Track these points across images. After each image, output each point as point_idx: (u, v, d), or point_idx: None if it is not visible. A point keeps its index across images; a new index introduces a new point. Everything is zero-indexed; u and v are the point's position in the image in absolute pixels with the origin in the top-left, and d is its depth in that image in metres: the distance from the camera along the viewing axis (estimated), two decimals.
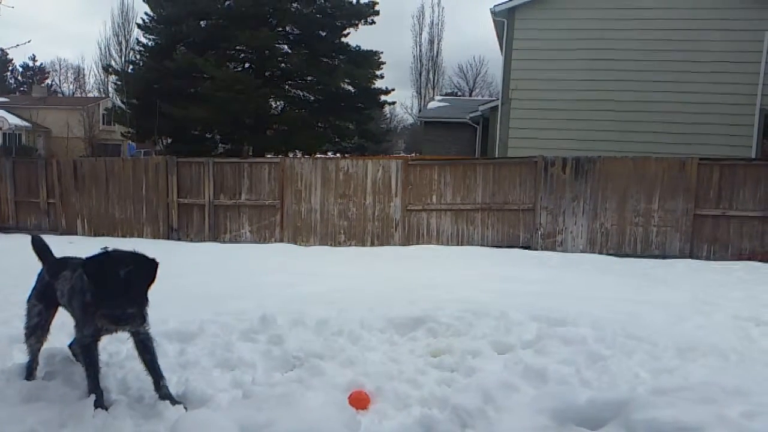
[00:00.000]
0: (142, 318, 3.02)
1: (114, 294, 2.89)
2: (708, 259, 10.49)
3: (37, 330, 3.56)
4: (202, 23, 25.39)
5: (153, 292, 3.10)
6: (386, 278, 7.66)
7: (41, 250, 3.75)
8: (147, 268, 3.04)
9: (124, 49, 44.25)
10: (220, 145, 27.25)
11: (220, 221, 12.62)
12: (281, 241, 12.24)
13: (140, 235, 13.04)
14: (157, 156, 18.42)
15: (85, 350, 3.23)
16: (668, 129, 14.19)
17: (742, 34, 13.86)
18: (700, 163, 10.67)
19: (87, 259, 3.04)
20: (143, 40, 28.28)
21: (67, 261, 3.59)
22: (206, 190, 12.55)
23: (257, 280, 7.46)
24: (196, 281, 7.27)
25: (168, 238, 12.81)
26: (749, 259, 10.18)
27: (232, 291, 6.48)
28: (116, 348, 3.95)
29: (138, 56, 29.22)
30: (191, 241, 12.57)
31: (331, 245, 12.04)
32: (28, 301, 3.64)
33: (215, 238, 12.53)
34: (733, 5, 13.97)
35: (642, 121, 14.32)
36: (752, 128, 14.02)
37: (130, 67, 30.96)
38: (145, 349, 3.31)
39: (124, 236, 13.08)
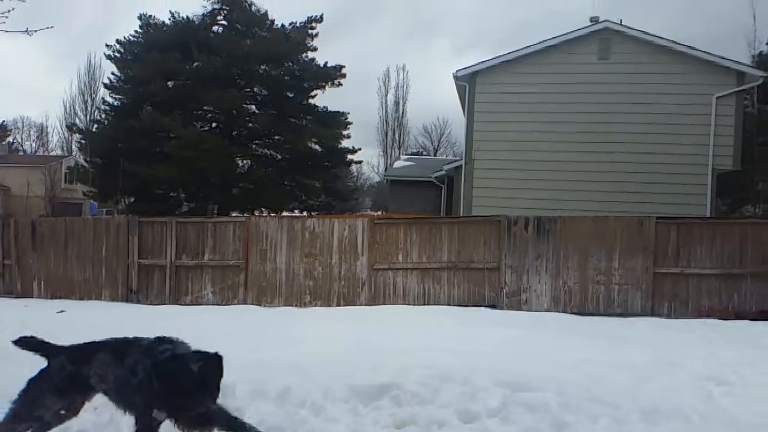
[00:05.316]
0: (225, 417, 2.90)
1: (193, 395, 2.81)
2: (669, 316, 10.62)
3: None
4: (170, 83, 25.61)
5: None
6: (352, 341, 7.53)
7: (36, 346, 3.54)
8: (215, 364, 2.97)
9: (89, 108, 44.31)
10: (184, 203, 27.02)
11: (182, 282, 12.35)
12: (245, 302, 12.00)
13: (98, 298, 12.65)
14: (119, 215, 18.12)
15: None
16: (626, 188, 14.65)
17: (693, 98, 14.62)
18: (658, 222, 10.95)
19: (158, 363, 2.94)
20: (109, 99, 28.32)
21: (99, 345, 3.38)
22: (168, 251, 12.32)
23: (216, 345, 7.20)
24: None
25: (127, 301, 12.45)
26: (708, 316, 10.34)
27: None
28: None
29: (103, 115, 29.16)
30: (151, 303, 12.22)
31: (296, 306, 11.85)
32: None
33: (176, 300, 12.22)
34: (684, 71, 14.79)
35: (601, 181, 14.78)
36: (706, 187, 14.57)
37: (95, 125, 30.85)
38: None
39: (82, 299, 12.67)
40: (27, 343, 3.55)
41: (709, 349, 7.46)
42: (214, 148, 23.29)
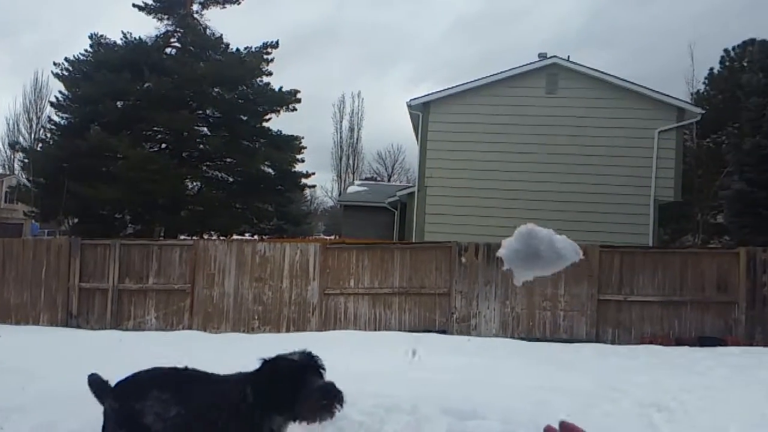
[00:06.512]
0: None
1: (304, 376, 2.67)
2: (613, 342, 10.84)
3: None
4: (119, 103, 25.01)
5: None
6: None
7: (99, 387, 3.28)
8: (309, 354, 2.84)
9: (34, 126, 42.78)
10: (129, 225, 26.23)
11: (124, 307, 11.93)
12: (190, 327, 11.66)
13: (36, 322, 12.10)
14: (61, 237, 17.45)
15: None
16: (572, 217, 14.97)
17: (636, 131, 15.19)
18: (601, 250, 11.22)
19: (256, 370, 2.77)
20: (56, 118, 27.50)
21: (145, 378, 3.11)
22: (111, 274, 11.90)
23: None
24: (73, 379, 6.69)
25: (66, 325, 11.94)
26: (650, 342, 10.59)
27: None
28: None
29: (49, 134, 28.24)
30: (91, 328, 11.75)
31: (244, 331, 11.59)
32: None
33: (117, 324, 11.78)
34: (628, 106, 15.39)
35: (548, 210, 15.08)
36: (648, 217, 15.08)
37: (40, 144, 29.84)
38: None
39: (18, 323, 12.09)
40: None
41: (651, 375, 7.62)
42: (162, 168, 22.81)
